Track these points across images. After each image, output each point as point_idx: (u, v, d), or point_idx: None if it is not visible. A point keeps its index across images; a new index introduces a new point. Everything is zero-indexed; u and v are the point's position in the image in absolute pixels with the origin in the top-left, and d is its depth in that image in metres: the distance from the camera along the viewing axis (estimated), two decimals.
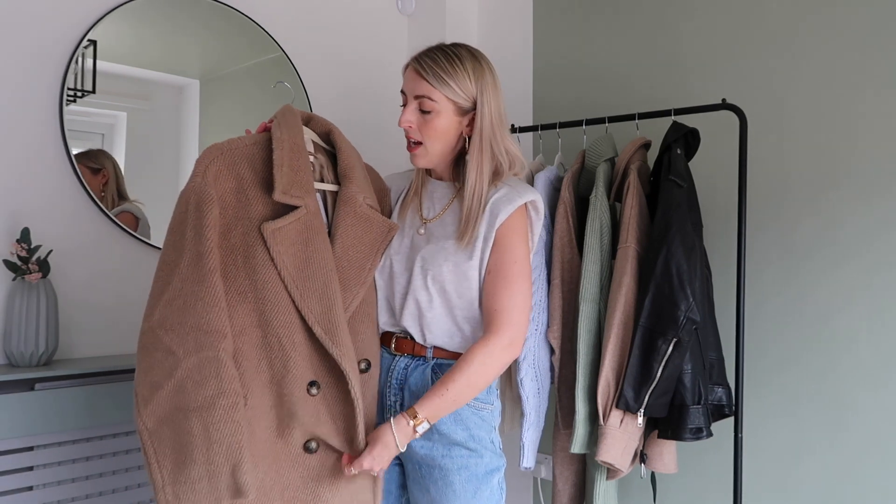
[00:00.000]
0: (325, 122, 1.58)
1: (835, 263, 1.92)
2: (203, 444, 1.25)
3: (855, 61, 1.91)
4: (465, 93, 1.50)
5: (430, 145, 1.52)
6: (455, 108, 1.51)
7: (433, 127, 1.50)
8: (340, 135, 1.57)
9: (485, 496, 1.50)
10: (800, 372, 1.97)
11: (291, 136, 1.44)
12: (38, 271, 1.69)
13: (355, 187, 1.50)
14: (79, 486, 1.72)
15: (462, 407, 1.49)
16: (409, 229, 1.58)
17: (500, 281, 1.49)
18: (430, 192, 1.61)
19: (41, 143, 1.82)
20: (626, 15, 2.35)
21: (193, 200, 1.35)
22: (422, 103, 1.50)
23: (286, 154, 1.40)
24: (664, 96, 2.21)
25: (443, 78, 1.48)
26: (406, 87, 1.53)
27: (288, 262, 1.36)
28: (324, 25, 2.40)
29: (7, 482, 1.61)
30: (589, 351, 1.80)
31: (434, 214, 1.58)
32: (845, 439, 1.90)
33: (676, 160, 1.79)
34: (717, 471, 2.07)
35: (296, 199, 1.39)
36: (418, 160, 1.55)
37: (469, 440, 1.50)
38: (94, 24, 1.89)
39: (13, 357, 1.69)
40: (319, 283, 1.38)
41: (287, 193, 1.38)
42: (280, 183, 1.37)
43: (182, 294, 1.31)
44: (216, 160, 1.39)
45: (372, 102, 2.51)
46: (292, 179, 1.39)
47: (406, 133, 1.54)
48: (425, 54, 1.52)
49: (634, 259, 1.77)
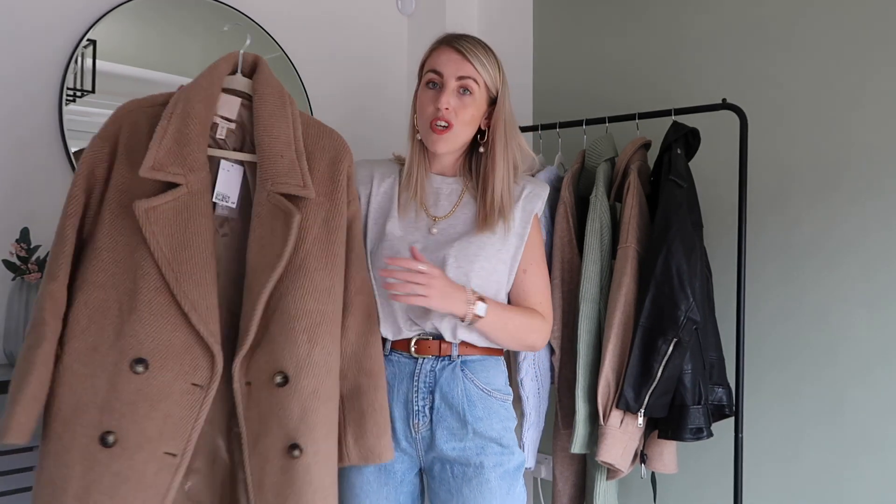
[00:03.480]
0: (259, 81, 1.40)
1: (835, 263, 1.92)
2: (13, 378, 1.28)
3: (855, 61, 1.91)
4: (495, 81, 1.50)
5: (460, 130, 1.49)
6: (486, 96, 1.50)
7: (469, 111, 1.48)
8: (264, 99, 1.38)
9: (516, 493, 1.51)
10: (800, 372, 1.97)
11: (190, 100, 1.32)
12: (37, 271, 1.69)
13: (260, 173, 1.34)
14: None
15: (493, 400, 1.51)
16: (416, 229, 1.54)
17: (539, 274, 1.57)
18: (436, 189, 1.57)
19: (41, 143, 1.81)
20: (626, 15, 2.35)
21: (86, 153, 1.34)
22: (465, 84, 1.47)
23: (173, 124, 1.29)
24: (664, 96, 2.20)
25: (483, 62, 1.48)
26: (446, 67, 1.48)
27: (163, 243, 1.27)
28: (324, 25, 2.40)
29: (6, 482, 1.61)
30: (589, 351, 1.80)
31: (445, 212, 1.55)
32: (845, 439, 1.90)
33: (677, 160, 1.79)
34: (717, 471, 2.07)
35: (174, 175, 1.27)
36: (442, 144, 1.50)
37: (502, 436, 1.50)
38: (94, 23, 1.88)
39: (13, 357, 1.68)
40: (197, 267, 1.28)
41: (161, 170, 1.27)
42: (150, 158, 1.27)
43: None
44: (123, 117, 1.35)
45: (372, 102, 2.50)
46: (173, 152, 1.28)
47: (438, 116, 1.48)
48: (463, 38, 1.50)
49: (634, 259, 1.77)
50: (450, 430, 1.48)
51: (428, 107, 1.50)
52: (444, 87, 1.48)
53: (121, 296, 1.29)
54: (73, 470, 1.24)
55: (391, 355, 1.52)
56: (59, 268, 1.29)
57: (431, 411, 1.48)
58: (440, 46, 1.51)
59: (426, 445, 1.50)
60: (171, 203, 1.28)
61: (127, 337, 1.27)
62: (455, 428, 1.48)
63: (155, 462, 1.26)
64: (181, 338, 1.28)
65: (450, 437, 1.48)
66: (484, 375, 1.52)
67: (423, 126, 1.52)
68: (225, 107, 1.39)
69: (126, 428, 1.25)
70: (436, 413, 1.48)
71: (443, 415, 1.48)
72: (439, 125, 1.48)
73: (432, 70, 1.50)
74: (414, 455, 1.52)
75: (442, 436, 1.48)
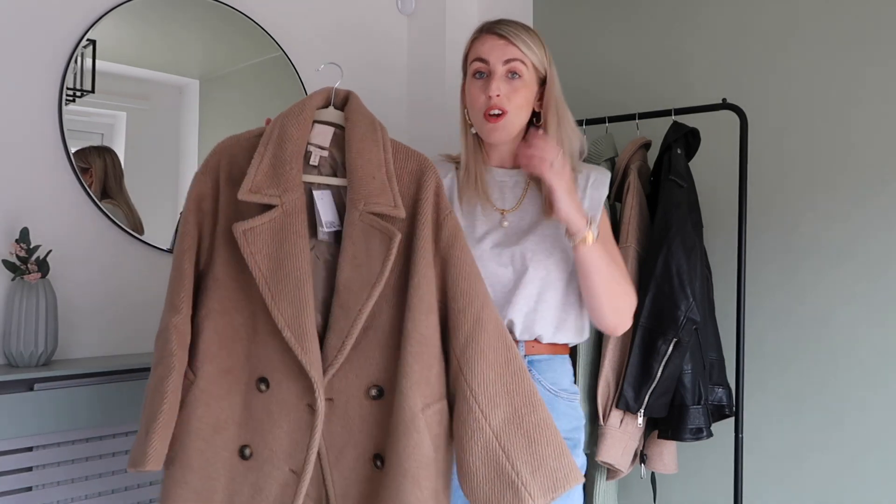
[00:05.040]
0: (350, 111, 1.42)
1: (835, 263, 1.92)
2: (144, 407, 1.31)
3: (855, 61, 1.91)
4: (542, 60, 1.47)
5: (515, 115, 1.45)
6: (537, 77, 1.47)
7: (521, 94, 1.45)
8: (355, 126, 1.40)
9: (575, 494, 1.47)
10: (800, 372, 1.97)
11: (285, 127, 1.36)
12: (37, 271, 1.69)
13: (352, 194, 1.35)
14: (78, 486, 1.71)
15: (560, 400, 1.47)
16: (486, 221, 1.50)
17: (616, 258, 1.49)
18: (498, 183, 1.53)
19: (40, 143, 1.81)
20: (626, 15, 2.35)
21: (191, 190, 1.37)
22: (514, 67, 1.44)
23: (269, 149, 1.34)
24: (664, 96, 2.20)
25: (527, 42, 1.44)
26: (491, 54, 1.45)
27: (261, 262, 1.30)
28: (324, 25, 2.40)
29: (6, 483, 1.61)
30: (589, 351, 1.80)
31: (512, 204, 1.51)
32: (845, 439, 1.90)
33: (677, 160, 1.79)
34: (717, 471, 2.07)
35: (270, 197, 1.31)
36: (499, 133, 1.46)
37: (569, 436, 1.45)
38: (94, 23, 1.88)
39: (12, 357, 1.68)
40: (291, 286, 1.30)
41: (258, 192, 1.31)
42: (248, 181, 1.31)
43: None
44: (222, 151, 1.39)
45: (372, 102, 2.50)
46: (269, 175, 1.32)
47: (491, 105, 1.44)
48: (503, 22, 1.47)
49: (634, 259, 1.77)
50: None
51: (479, 97, 1.46)
52: (493, 74, 1.44)
53: (245, 319, 1.34)
54: (218, 482, 1.30)
55: None
56: (181, 301, 1.32)
57: None
58: (481, 35, 1.48)
59: None
60: (267, 224, 1.31)
61: (253, 358, 1.33)
62: None
63: (282, 476, 1.31)
64: (294, 358, 1.30)
65: None
66: (551, 375, 1.49)
67: (476, 118, 1.49)
68: (318, 136, 1.41)
69: (258, 442, 1.31)
70: None
71: None
72: (493, 113, 1.45)
73: (477, 59, 1.47)
74: None
75: None
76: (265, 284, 1.29)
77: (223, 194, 1.37)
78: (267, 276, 1.29)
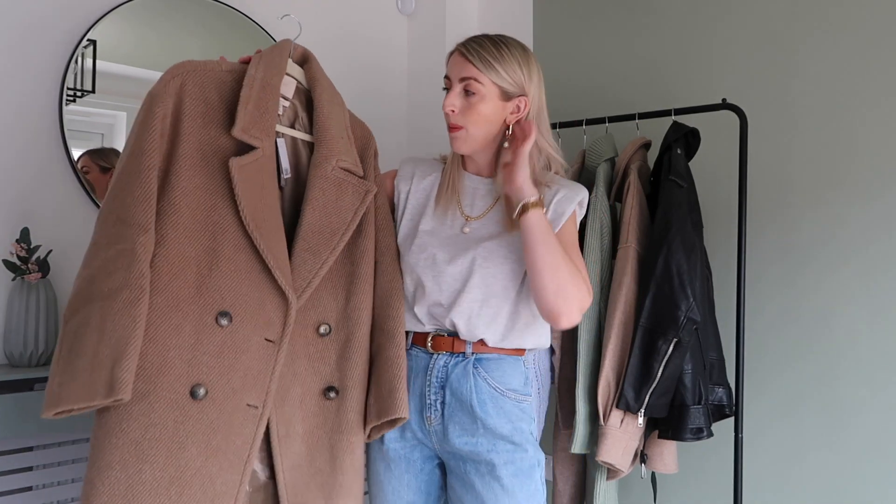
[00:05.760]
0: (313, 71, 1.52)
1: (835, 263, 1.92)
2: (95, 334, 1.19)
3: (855, 61, 1.91)
4: (511, 78, 1.50)
5: (473, 130, 1.51)
6: (500, 93, 1.50)
7: (477, 111, 1.49)
8: (322, 89, 1.50)
9: (530, 490, 1.50)
10: (800, 372, 1.97)
11: (267, 74, 1.40)
12: (37, 271, 1.69)
13: (325, 150, 1.45)
14: (78, 486, 1.71)
15: (506, 399, 1.51)
16: (451, 226, 1.57)
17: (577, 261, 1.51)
18: (471, 189, 1.59)
19: (41, 143, 1.81)
20: (626, 15, 2.35)
21: (147, 102, 1.34)
22: (467, 85, 1.49)
23: (255, 92, 1.37)
24: (664, 96, 2.21)
25: (489, 61, 1.48)
26: (451, 71, 1.52)
27: (249, 200, 1.32)
28: (324, 25, 2.40)
29: (6, 482, 1.61)
30: (589, 351, 1.80)
31: (479, 212, 1.57)
32: (845, 439, 1.90)
33: (677, 160, 1.79)
34: (717, 471, 2.07)
35: (255, 139, 1.35)
36: (459, 144, 1.54)
37: (513, 433, 1.50)
38: (94, 23, 1.89)
39: (13, 357, 1.69)
40: (272, 224, 1.36)
41: (247, 132, 1.34)
42: (241, 120, 1.33)
43: (117, 186, 1.29)
44: (186, 76, 1.37)
45: (372, 102, 2.50)
46: (255, 119, 1.36)
47: (447, 117, 1.53)
48: (472, 40, 1.52)
49: (635, 259, 1.77)
50: (461, 426, 1.50)
51: (444, 110, 1.54)
52: (451, 90, 1.52)
53: (198, 252, 1.31)
54: (163, 427, 1.24)
55: (411, 349, 1.56)
56: (148, 220, 1.26)
57: (443, 406, 1.51)
58: (453, 51, 1.55)
59: (439, 438, 1.52)
60: (254, 164, 1.35)
61: (211, 292, 1.31)
62: (466, 423, 1.50)
63: (240, 413, 1.32)
64: (257, 294, 1.35)
65: (461, 432, 1.50)
66: (498, 374, 1.52)
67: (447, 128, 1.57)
68: (285, 87, 1.48)
69: (214, 380, 1.29)
70: (447, 408, 1.50)
71: (454, 410, 1.50)
72: (452, 125, 1.54)
73: (446, 74, 1.55)
74: (430, 446, 1.55)
75: (454, 430, 1.50)
76: (252, 222, 1.32)
77: (191, 119, 1.35)
78: (254, 214, 1.33)
